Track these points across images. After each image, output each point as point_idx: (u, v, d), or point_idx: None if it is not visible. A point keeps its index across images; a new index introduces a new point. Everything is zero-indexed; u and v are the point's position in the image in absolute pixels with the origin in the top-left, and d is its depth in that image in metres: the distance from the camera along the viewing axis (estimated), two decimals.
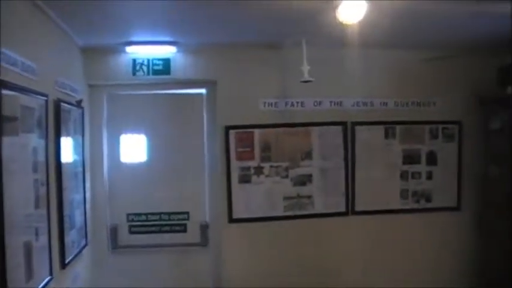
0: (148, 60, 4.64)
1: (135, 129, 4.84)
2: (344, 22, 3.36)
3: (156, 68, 4.66)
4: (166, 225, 4.84)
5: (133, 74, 4.65)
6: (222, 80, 4.74)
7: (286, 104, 4.82)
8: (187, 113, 4.89)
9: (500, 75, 4.82)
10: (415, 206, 5.11)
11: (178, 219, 4.85)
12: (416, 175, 5.09)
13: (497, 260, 4.86)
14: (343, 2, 3.17)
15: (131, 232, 4.81)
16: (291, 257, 4.85)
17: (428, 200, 5.13)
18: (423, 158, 5.10)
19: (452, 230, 5.18)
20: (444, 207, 5.16)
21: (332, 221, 4.93)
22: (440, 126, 5.12)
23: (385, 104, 5.01)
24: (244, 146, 4.77)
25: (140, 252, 4.81)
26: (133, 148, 4.83)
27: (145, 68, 4.65)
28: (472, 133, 5.15)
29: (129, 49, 4.52)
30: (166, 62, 4.66)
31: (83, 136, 4.29)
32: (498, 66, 4.87)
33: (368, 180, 4.98)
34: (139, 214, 4.81)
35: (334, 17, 3.29)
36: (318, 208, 4.90)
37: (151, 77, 4.67)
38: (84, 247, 4.23)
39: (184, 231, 4.86)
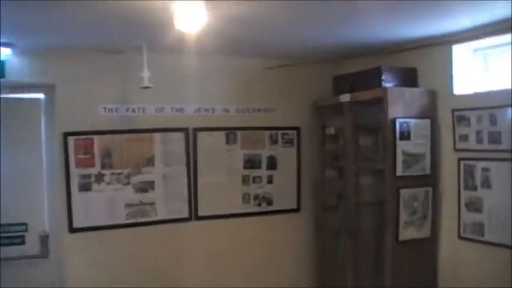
0: None
1: None
2: (182, 30, 3.38)
3: None
4: (2, 237, 4.65)
5: None
6: (61, 85, 4.65)
7: (127, 110, 4.84)
8: (24, 118, 4.72)
9: (335, 84, 5.23)
10: (257, 209, 5.36)
11: (16, 231, 4.67)
12: (257, 179, 5.34)
13: (331, 257, 5.28)
14: (181, 9, 3.18)
15: None
16: (135, 264, 4.89)
17: (269, 203, 5.40)
18: (264, 163, 5.37)
19: (292, 230, 5.52)
20: (285, 210, 5.48)
21: (175, 227, 5.03)
22: (280, 132, 5.42)
23: (227, 110, 5.21)
24: (84, 153, 4.72)
25: None
26: None
27: None
28: (310, 138, 5.51)
29: None
30: (1, 64, 4.46)
31: None
32: (333, 76, 5.28)
33: (210, 185, 5.14)
34: None
35: (174, 23, 3.32)
36: (161, 214, 4.98)
37: None
38: None
39: (23, 243, 4.70)
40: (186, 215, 5.09)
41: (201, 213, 5.13)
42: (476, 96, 4.30)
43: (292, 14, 3.63)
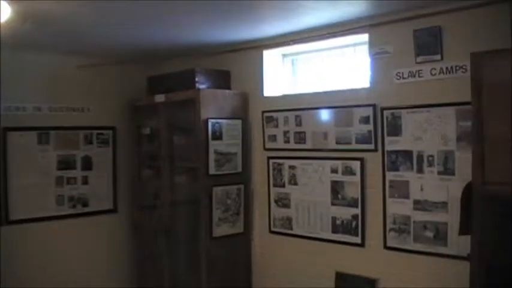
0: None
1: None
2: None
3: None
4: None
5: None
6: None
7: None
8: None
9: (150, 85, 5.41)
10: (72, 211, 5.36)
11: None
12: (71, 180, 5.35)
13: (149, 257, 5.47)
14: None
15: None
16: None
17: (85, 204, 5.44)
18: (78, 163, 5.40)
19: (110, 231, 5.63)
20: (101, 211, 5.56)
21: None
22: (95, 132, 5.49)
23: (39, 109, 5.15)
24: None
25: None
26: None
27: None
28: (126, 138, 5.64)
29: None
30: None
31: None
32: (148, 76, 5.46)
33: (22, 187, 5.04)
34: None
35: None
36: None
37: None
38: None
39: None
40: None
41: (12, 217, 5.00)
42: (284, 98, 4.74)
43: (102, 13, 3.72)
